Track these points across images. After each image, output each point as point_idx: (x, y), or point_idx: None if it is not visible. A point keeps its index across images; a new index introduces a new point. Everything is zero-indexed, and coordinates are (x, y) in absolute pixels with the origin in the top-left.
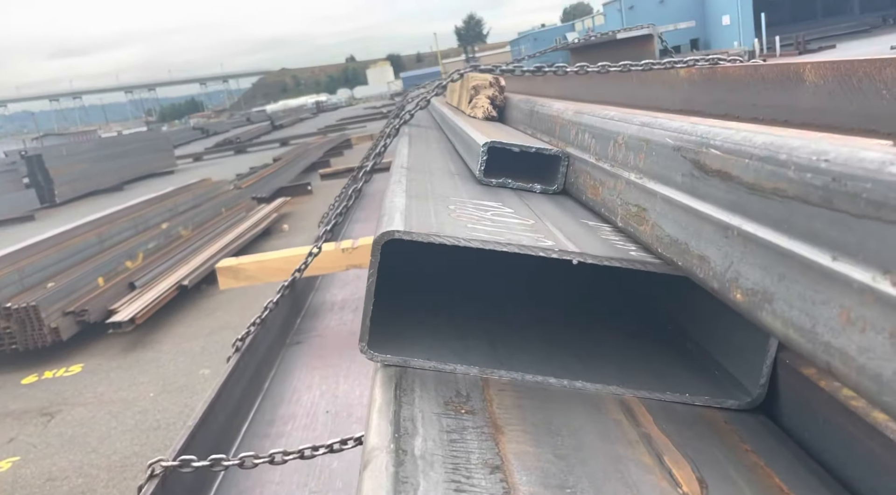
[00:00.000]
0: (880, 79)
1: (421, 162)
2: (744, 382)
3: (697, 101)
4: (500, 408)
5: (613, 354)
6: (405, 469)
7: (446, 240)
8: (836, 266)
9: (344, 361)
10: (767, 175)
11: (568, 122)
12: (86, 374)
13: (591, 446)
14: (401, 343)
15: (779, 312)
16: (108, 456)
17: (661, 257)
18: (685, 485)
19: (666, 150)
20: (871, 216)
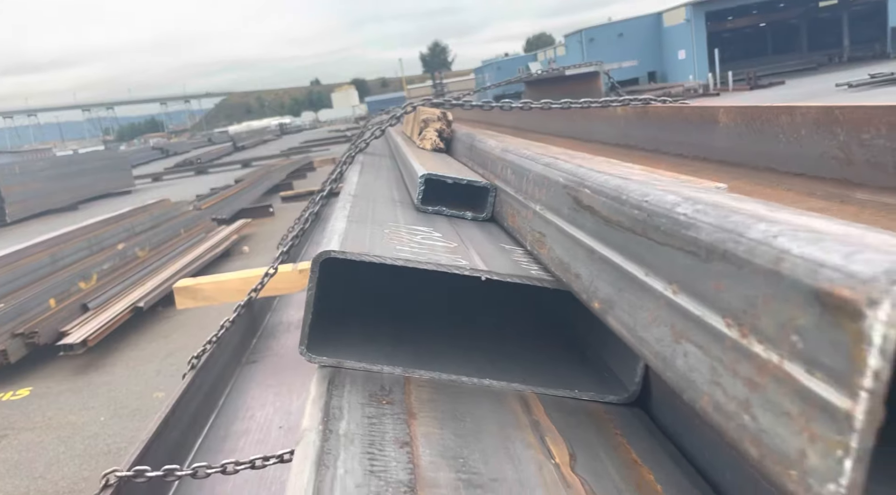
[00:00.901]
0: (777, 124)
1: (368, 190)
2: (623, 381)
3: (633, 137)
4: (417, 401)
5: (520, 358)
6: (329, 444)
7: (374, 259)
8: (648, 280)
9: (298, 379)
10: (615, 211)
11: (497, 158)
12: (34, 398)
13: (488, 429)
14: (337, 347)
15: (618, 316)
16: (55, 483)
17: (553, 275)
18: (557, 458)
19: (558, 187)
20: (666, 244)
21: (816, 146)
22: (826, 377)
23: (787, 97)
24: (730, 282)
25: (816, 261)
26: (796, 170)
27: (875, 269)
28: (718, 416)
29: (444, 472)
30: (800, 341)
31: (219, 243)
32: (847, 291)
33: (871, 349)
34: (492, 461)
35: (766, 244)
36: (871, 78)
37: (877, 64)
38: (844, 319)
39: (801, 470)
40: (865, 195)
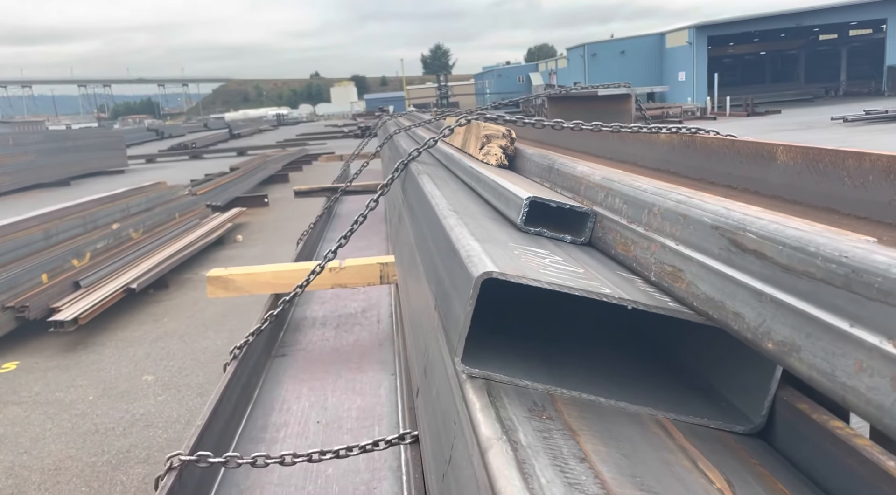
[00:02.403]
0: (843, 167)
1: (460, 205)
2: (748, 412)
3: (675, 163)
4: (570, 418)
5: (642, 384)
6: (520, 453)
7: (531, 282)
8: (852, 330)
9: (330, 376)
10: (798, 260)
11: (596, 184)
12: (21, 372)
13: (644, 451)
14: (481, 360)
15: (805, 358)
16: (41, 459)
17: (695, 309)
18: (717, 484)
19: (703, 226)
20: (880, 300)
21: (884, 193)
22: None
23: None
24: None
25: None
26: (860, 214)
27: None
28: None
29: (629, 490)
30: None
31: (213, 230)
32: None
33: None
34: (664, 482)
35: None
36: (866, 114)
37: (872, 100)
38: None
39: None
40: None
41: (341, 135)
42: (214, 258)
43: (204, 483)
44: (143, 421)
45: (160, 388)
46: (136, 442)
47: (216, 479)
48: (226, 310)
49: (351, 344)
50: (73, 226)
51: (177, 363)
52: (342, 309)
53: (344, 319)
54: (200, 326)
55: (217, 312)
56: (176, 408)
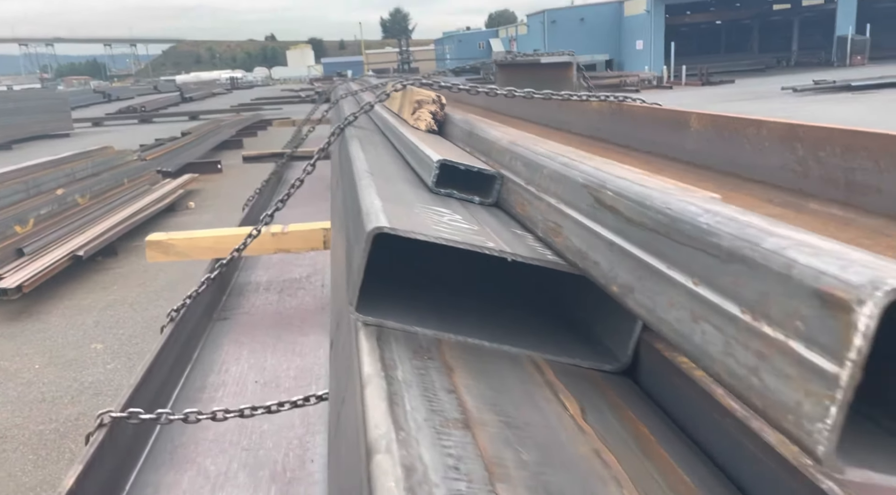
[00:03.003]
0: (744, 134)
1: (378, 167)
2: (617, 353)
3: (605, 131)
4: (451, 358)
5: (528, 328)
6: (394, 387)
7: (420, 237)
8: (670, 272)
9: (271, 339)
10: (638, 213)
11: (504, 149)
12: None
13: (513, 385)
14: (374, 308)
15: (637, 299)
16: None
17: (568, 261)
18: (571, 410)
19: (576, 185)
20: (690, 245)
21: (778, 158)
22: (821, 351)
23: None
24: (745, 280)
25: (819, 269)
26: (757, 178)
27: (863, 279)
28: (730, 379)
29: (486, 415)
30: (802, 325)
31: (164, 196)
32: (842, 293)
33: (857, 333)
34: (521, 409)
35: (778, 254)
36: (815, 84)
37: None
38: (839, 312)
39: (797, 414)
40: (817, 206)
41: (298, 100)
42: (165, 225)
43: (138, 440)
44: (93, 389)
45: (110, 356)
46: (84, 410)
47: (151, 437)
48: (178, 277)
49: (294, 308)
50: (15, 192)
51: (127, 331)
52: (287, 274)
53: (288, 284)
54: (151, 294)
55: (169, 280)
56: (126, 376)
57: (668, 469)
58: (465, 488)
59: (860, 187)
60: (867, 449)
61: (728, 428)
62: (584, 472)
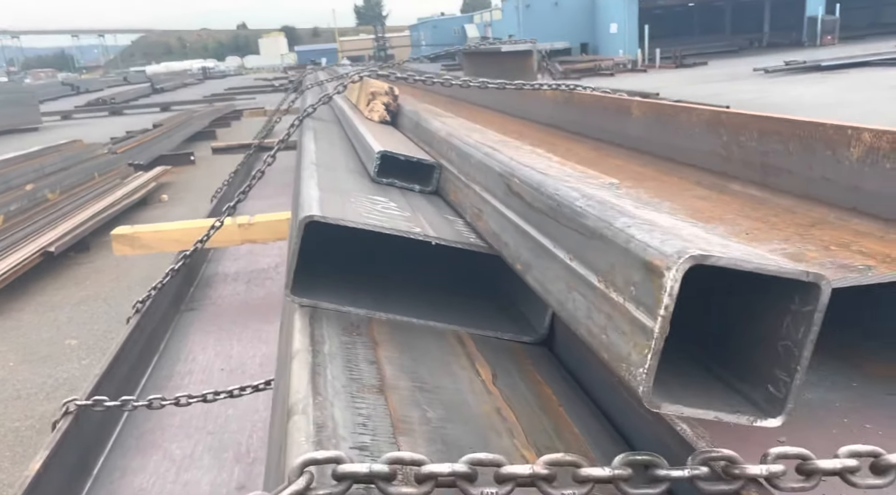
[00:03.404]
0: (678, 120)
1: (326, 158)
2: (535, 326)
3: (559, 118)
4: (379, 334)
5: (456, 305)
6: (318, 359)
7: (348, 223)
8: (555, 250)
9: (237, 327)
10: (535, 198)
11: (442, 139)
12: None
13: (433, 356)
14: (312, 291)
15: (534, 275)
16: None
17: (487, 243)
18: (483, 376)
19: (494, 174)
20: (567, 226)
21: (706, 143)
22: (645, 310)
23: (708, 77)
24: (601, 254)
25: (646, 243)
26: (689, 162)
27: (673, 249)
28: (590, 338)
29: (402, 381)
30: (634, 290)
31: (136, 190)
32: (658, 261)
33: (665, 293)
34: (436, 375)
35: (623, 231)
36: (786, 65)
37: (792, 51)
38: (655, 277)
39: (628, 363)
40: (738, 187)
41: (271, 90)
42: (138, 219)
43: (105, 427)
44: (68, 384)
45: (84, 352)
46: (60, 406)
47: (118, 424)
48: (151, 271)
49: (261, 297)
50: None
51: (101, 326)
52: (254, 264)
53: (256, 274)
54: (125, 289)
55: (142, 274)
56: None
57: (561, 422)
58: (369, 441)
59: (773, 169)
60: (688, 389)
61: (617, 385)
62: (482, 426)
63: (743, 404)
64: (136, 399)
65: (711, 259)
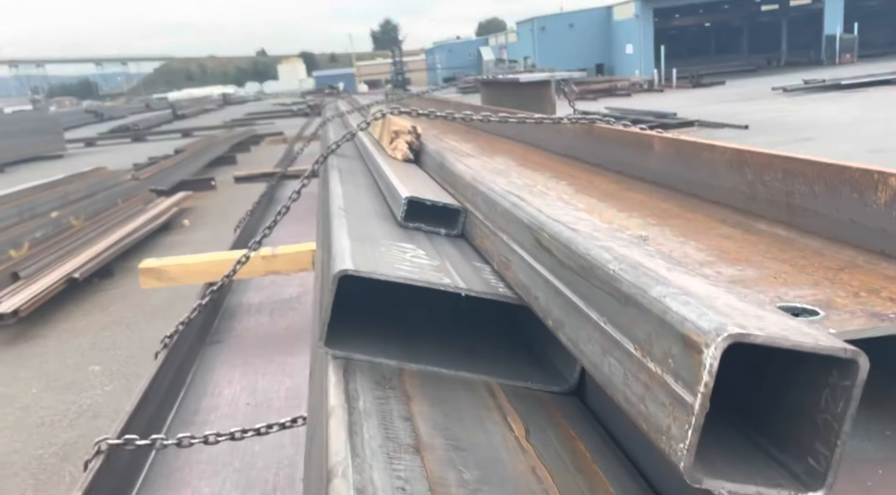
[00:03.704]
0: (700, 157)
1: (353, 202)
2: (565, 376)
3: (579, 150)
4: (411, 386)
5: (485, 354)
6: (354, 417)
7: (381, 277)
8: (588, 310)
9: (262, 361)
10: (566, 256)
11: (468, 184)
12: None
13: (464, 410)
14: (344, 342)
15: (566, 333)
16: None
17: (516, 294)
18: (516, 432)
19: (522, 226)
20: (600, 288)
21: (730, 180)
22: (684, 385)
23: (725, 97)
24: (637, 321)
25: (683, 316)
26: (713, 198)
27: (710, 325)
28: (627, 405)
29: (437, 439)
30: (673, 363)
31: (158, 215)
32: (696, 337)
33: (704, 370)
34: (470, 432)
35: (659, 301)
36: (805, 83)
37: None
38: (694, 352)
39: (668, 436)
40: (764, 226)
41: (290, 114)
42: (160, 244)
43: (135, 465)
44: (91, 411)
45: (107, 378)
46: (84, 433)
47: (147, 461)
48: (173, 297)
49: (284, 329)
50: (9, 216)
51: (124, 352)
52: (277, 295)
53: (279, 305)
54: (148, 314)
55: (164, 299)
56: (124, 398)
57: (597, 482)
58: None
59: (799, 209)
60: (728, 460)
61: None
62: (519, 488)
63: (784, 477)
64: (165, 437)
65: (749, 337)
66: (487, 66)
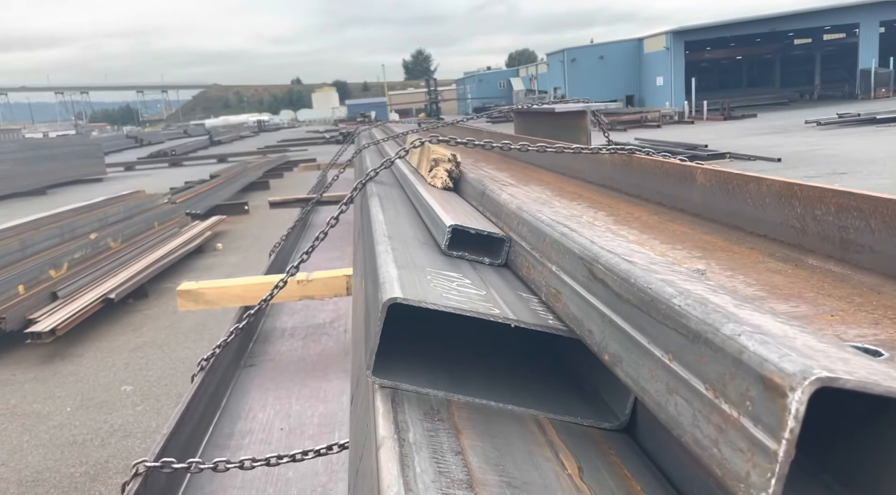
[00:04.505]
0: (746, 189)
1: (396, 230)
2: (616, 411)
3: (617, 181)
4: (459, 419)
5: (533, 388)
6: (405, 449)
7: (430, 306)
8: (650, 347)
9: (295, 385)
10: (624, 289)
11: (512, 213)
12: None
13: (516, 445)
14: (390, 371)
15: (624, 369)
16: (18, 471)
17: (567, 326)
18: (569, 470)
19: (574, 257)
20: (665, 323)
21: (778, 214)
22: (765, 429)
23: (758, 130)
24: (708, 360)
25: (763, 357)
26: (760, 232)
27: (795, 368)
28: (697, 448)
29: (489, 475)
30: (751, 405)
31: (192, 238)
32: (779, 379)
33: (790, 415)
34: (522, 469)
35: (733, 339)
36: (839, 117)
37: (845, 103)
38: (776, 396)
39: (747, 484)
40: (815, 261)
41: (322, 141)
42: (194, 266)
43: (171, 488)
44: (122, 431)
45: (139, 398)
46: (114, 453)
47: (182, 484)
48: (205, 319)
49: (317, 354)
50: (50, 237)
51: (156, 373)
52: (311, 319)
53: (312, 330)
54: (180, 336)
55: (196, 321)
56: (155, 418)
57: None
58: None
59: (854, 245)
60: None
61: (711, 487)
62: None
63: None
64: (202, 461)
65: (839, 381)
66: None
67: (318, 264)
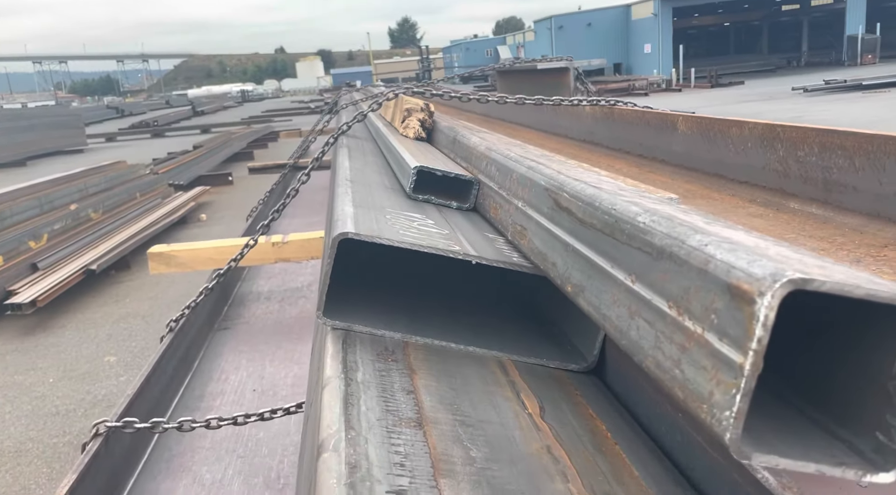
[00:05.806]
0: (728, 135)
1: (361, 175)
2: (584, 353)
3: (598, 135)
4: (415, 360)
5: (498, 329)
6: (351, 388)
7: (384, 241)
8: (613, 271)
9: (270, 347)
10: (588, 214)
11: (481, 154)
12: None
13: (474, 385)
14: (345, 313)
15: (587, 298)
16: (1, 441)
17: (532, 263)
18: (530, 409)
19: (539, 189)
20: (628, 244)
21: (760, 158)
22: (731, 343)
23: (745, 97)
24: (672, 276)
25: (730, 264)
26: (741, 178)
27: (765, 272)
28: (658, 371)
29: (442, 414)
30: (716, 318)
31: (175, 209)
32: (746, 285)
33: (758, 323)
34: (479, 408)
35: (699, 250)
36: (826, 84)
37: (832, 70)
38: (744, 304)
39: (710, 404)
40: (797, 204)
41: (307, 111)
42: (177, 237)
43: (136, 449)
44: (105, 401)
45: (122, 369)
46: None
47: (148, 446)
48: (188, 289)
49: (294, 316)
50: (29, 208)
51: (139, 343)
52: (289, 283)
53: (290, 293)
54: (163, 306)
55: (180, 292)
56: None
57: (618, 463)
58: (407, 483)
59: (837, 186)
60: (780, 434)
61: (680, 423)
62: (532, 468)
63: (847, 454)
64: (166, 421)
65: (814, 283)
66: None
67: (298, 228)
